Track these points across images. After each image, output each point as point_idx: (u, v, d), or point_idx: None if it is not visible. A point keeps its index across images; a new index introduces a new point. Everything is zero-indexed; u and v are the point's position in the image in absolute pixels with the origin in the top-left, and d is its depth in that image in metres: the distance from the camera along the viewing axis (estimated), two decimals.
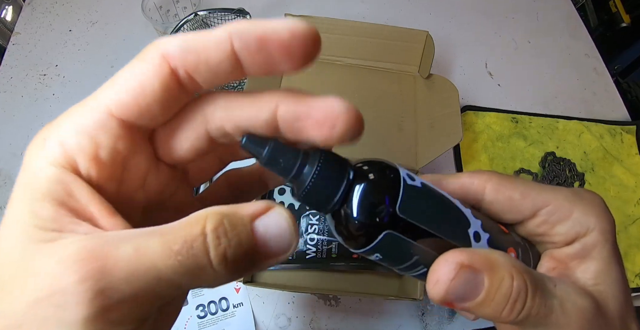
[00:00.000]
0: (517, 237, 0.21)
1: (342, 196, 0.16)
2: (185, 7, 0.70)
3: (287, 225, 0.14)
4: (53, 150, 0.14)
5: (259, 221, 0.13)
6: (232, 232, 0.13)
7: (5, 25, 0.74)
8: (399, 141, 0.55)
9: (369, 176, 0.17)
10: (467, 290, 0.16)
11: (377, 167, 0.17)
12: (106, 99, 0.14)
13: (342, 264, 0.50)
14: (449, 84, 0.54)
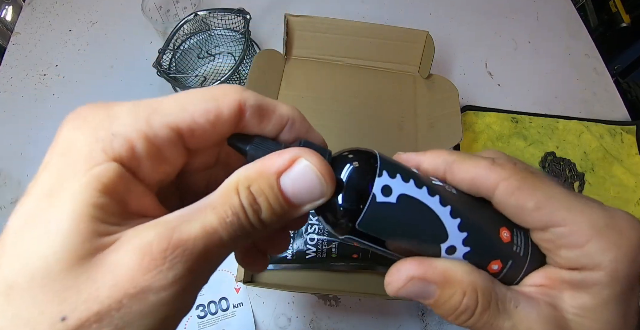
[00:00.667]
0: (523, 243, 0.19)
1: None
2: (185, 7, 0.70)
3: (314, 174, 0.15)
4: (121, 147, 0.14)
5: (285, 176, 0.14)
6: (261, 197, 0.14)
7: (5, 25, 0.74)
8: (399, 141, 0.55)
9: (341, 178, 0.17)
10: (418, 295, 0.17)
11: (353, 171, 0.17)
12: (179, 115, 0.15)
13: (342, 264, 0.50)
14: (449, 84, 0.54)
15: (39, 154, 0.65)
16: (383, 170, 0.18)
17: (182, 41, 0.62)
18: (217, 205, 0.14)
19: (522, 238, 0.19)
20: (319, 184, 0.15)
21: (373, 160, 0.18)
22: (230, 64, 0.66)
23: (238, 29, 0.63)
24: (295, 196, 0.15)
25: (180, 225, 0.13)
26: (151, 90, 0.66)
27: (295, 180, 0.15)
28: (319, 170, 0.15)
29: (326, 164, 0.15)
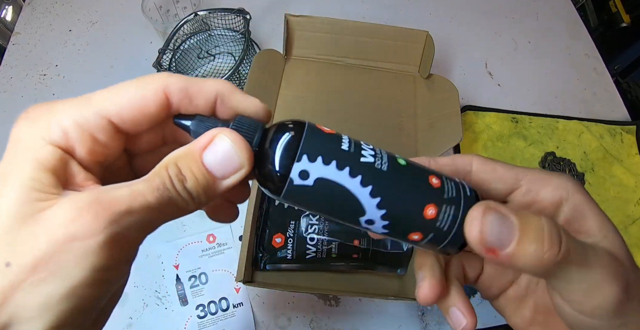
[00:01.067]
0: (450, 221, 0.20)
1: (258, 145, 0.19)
2: (185, 7, 0.70)
3: (230, 147, 0.17)
4: (55, 134, 0.17)
5: (207, 151, 0.17)
6: (186, 169, 0.17)
7: (5, 25, 0.74)
8: (399, 141, 0.55)
9: (266, 155, 0.19)
10: (502, 232, 0.17)
11: (275, 153, 0.18)
12: (107, 104, 0.18)
13: (342, 264, 0.50)
14: (449, 84, 0.54)
15: None
16: (304, 154, 0.18)
17: (182, 41, 0.62)
18: (148, 177, 0.16)
19: (450, 217, 0.20)
20: (236, 156, 0.17)
21: (296, 142, 0.18)
22: (230, 64, 0.66)
23: (238, 29, 0.63)
24: (215, 167, 0.17)
25: (110, 190, 0.16)
26: None
27: (215, 154, 0.17)
28: (235, 145, 0.17)
29: (241, 140, 0.17)
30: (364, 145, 0.20)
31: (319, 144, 0.19)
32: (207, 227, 0.57)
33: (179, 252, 0.55)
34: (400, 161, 0.20)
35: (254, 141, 0.19)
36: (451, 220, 0.20)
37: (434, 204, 0.20)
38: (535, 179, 0.21)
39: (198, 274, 0.54)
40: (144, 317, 0.52)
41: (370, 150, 0.20)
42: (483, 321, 0.54)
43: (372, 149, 0.20)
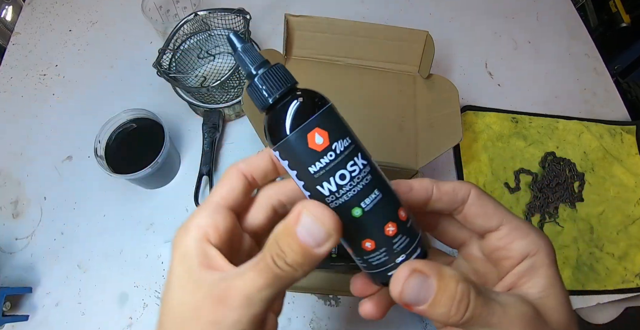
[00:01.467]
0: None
1: (268, 101, 0.20)
2: (185, 7, 0.70)
3: (313, 221, 0.18)
4: (195, 231, 0.21)
5: (299, 227, 0.18)
6: (285, 246, 0.19)
7: (5, 25, 0.74)
8: (399, 141, 0.55)
9: (283, 113, 0.20)
10: (420, 292, 0.19)
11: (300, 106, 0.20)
12: (217, 198, 0.22)
13: (342, 264, 0.50)
14: (449, 84, 0.54)
15: (39, 154, 0.65)
16: (278, 149, 0.20)
17: (182, 41, 0.62)
18: (256, 262, 0.19)
19: (382, 260, 0.22)
20: (323, 229, 0.19)
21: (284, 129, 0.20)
22: (230, 64, 0.66)
23: (238, 29, 0.63)
24: (307, 240, 0.18)
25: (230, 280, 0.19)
26: (151, 90, 0.66)
27: (305, 228, 0.18)
28: (318, 220, 0.19)
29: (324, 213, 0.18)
30: (343, 175, 0.19)
31: (293, 152, 0.20)
32: None
33: None
34: (354, 212, 0.20)
35: (274, 93, 0.20)
36: (382, 262, 0.21)
37: (373, 242, 0.20)
38: (514, 228, 0.23)
39: None
40: (144, 317, 0.52)
41: (339, 184, 0.19)
42: None
43: (346, 183, 0.20)
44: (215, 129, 0.59)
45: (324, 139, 0.19)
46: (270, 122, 0.20)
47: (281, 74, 0.20)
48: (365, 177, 0.20)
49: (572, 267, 0.58)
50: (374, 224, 0.20)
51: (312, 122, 0.19)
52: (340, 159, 0.19)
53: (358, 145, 0.21)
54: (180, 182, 0.59)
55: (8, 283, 0.52)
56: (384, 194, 0.20)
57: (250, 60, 0.20)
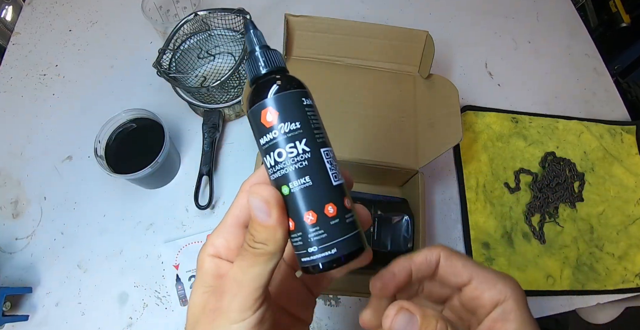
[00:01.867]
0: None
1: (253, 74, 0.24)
2: (185, 7, 0.70)
3: (255, 196, 0.21)
4: (209, 249, 0.24)
5: (253, 210, 0.21)
6: (251, 230, 0.22)
7: (5, 25, 0.74)
8: (400, 141, 0.55)
9: (252, 90, 0.23)
10: (408, 326, 0.22)
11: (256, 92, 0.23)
12: (229, 219, 0.24)
13: None
14: (449, 84, 0.54)
15: (39, 154, 0.65)
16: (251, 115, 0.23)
17: (182, 41, 0.62)
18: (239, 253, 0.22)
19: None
20: (262, 200, 0.21)
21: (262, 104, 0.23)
22: (230, 64, 0.66)
23: (238, 29, 0.63)
24: (259, 216, 0.21)
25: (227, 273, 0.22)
26: (151, 90, 0.66)
27: (254, 207, 0.21)
28: (258, 195, 0.21)
29: (260, 188, 0.21)
30: (280, 153, 0.22)
31: (253, 123, 0.23)
32: (207, 227, 0.57)
33: (179, 252, 0.55)
34: (283, 189, 0.22)
35: (260, 71, 0.23)
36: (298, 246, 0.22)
37: (294, 223, 0.22)
38: (483, 280, 0.26)
39: None
40: (144, 317, 0.52)
41: (277, 160, 0.22)
42: None
43: (282, 161, 0.22)
44: (215, 129, 0.59)
45: (274, 117, 0.22)
46: (250, 94, 0.23)
47: (275, 56, 0.24)
48: (301, 162, 0.21)
49: (572, 267, 0.58)
50: (296, 207, 0.22)
51: (269, 101, 0.22)
52: (281, 138, 0.21)
53: (309, 133, 0.22)
54: (180, 182, 0.59)
55: (8, 283, 0.53)
56: (316, 183, 0.21)
57: (256, 40, 0.24)
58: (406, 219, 0.50)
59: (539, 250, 0.59)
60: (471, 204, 0.60)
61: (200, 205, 0.55)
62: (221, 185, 0.59)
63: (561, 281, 0.57)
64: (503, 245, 0.58)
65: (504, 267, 0.57)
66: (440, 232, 0.59)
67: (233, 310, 0.20)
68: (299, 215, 0.21)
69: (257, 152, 0.52)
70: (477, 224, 0.59)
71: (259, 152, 0.23)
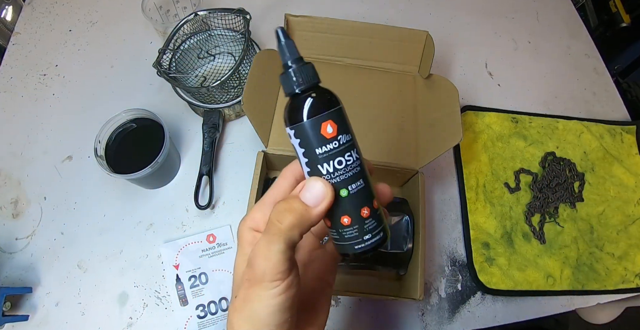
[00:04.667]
0: None
1: (295, 90, 0.25)
2: (185, 7, 0.70)
3: (313, 186, 0.24)
4: (249, 222, 0.27)
5: (303, 192, 0.24)
6: (286, 206, 0.24)
7: (5, 25, 0.74)
8: (400, 141, 0.55)
9: (307, 102, 0.24)
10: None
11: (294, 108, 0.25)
12: (268, 198, 0.27)
13: (342, 264, 0.50)
14: (449, 84, 0.54)
15: (39, 154, 0.65)
16: (293, 129, 0.25)
17: (182, 41, 0.62)
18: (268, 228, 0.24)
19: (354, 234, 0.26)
20: (321, 189, 0.24)
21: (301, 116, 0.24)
22: (230, 64, 0.66)
23: (238, 29, 0.63)
24: (310, 201, 0.24)
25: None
26: (151, 90, 0.66)
27: (307, 192, 0.24)
28: (320, 182, 0.24)
29: (322, 180, 0.24)
30: (341, 161, 0.24)
31: (307, 134, 0.24)
32: (207, 227, 0.57)
33: (179, 252, 0.55)
34: (342, 192, 0.25)
35: (302, 85, 0.25)
36: (353, 237, 0.25)
37: (350, 219, 0.25)
38: None
39: (198, 274, 0.54)
40: (144, 317, 0.52)
41: (336, 167, 0.24)
42: (482, 321, 0.54)
43: (342, 168, 0.24)
44: (215, 129, 0.59)
45: (334, 130, 0.24)
46: (292, 107, 0.25)
47: (311, 71, 0.26)
48: (355, 168, 0.25)
49: (572, 267, 0.58)
50: (354, 205, 0.25)
51: (329, 115, 0.24)
52: (342, 148, 0.24)
53: (355, 142, 0.25)
54: (180, 182, 0.59)
55: (8, 283, 0.53)
56: (366, 185, 0.25)
57: (289, 53, 0.25)
58: (406, 219, 0.50)
59: (539, 250, 0.59)
60: (471, 204, 0.60)
61: (200, 205, 0.55)
62: (221, 185, 0.59)
63: (561, 281, 0.57)
64: (503, 245, 0.58)
65: (504, 267, 0.57)
66: (440, 232, 0.59)
67: (266, 280, 0.23)
68: (356, 212, 0.25)
69: (257, 152, 0.52)
70: (477, 224, 0.59)
71: (309, 160, 0.25)
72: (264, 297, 0.23)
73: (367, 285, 0.54)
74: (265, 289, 0.23)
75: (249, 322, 0.24)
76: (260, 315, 0.23)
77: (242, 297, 0.24)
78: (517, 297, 0.56)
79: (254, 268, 0.23)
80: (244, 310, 0.24)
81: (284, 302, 0.23)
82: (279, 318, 0.23)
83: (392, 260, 0.50)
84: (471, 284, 0.56)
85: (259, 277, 0.23)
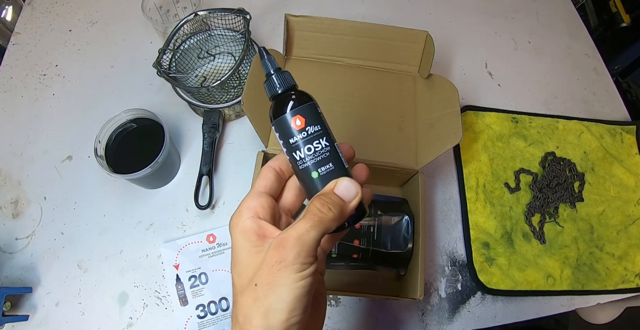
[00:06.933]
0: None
1: (276, 91, 0.30)
2: (185, 7, 0.70)
3: (347, 184, 0.27)
4: (247, 212, 0.28)
5: (337, 189, 0.27)
6: (327, 199, 0.26)
7: (5, 25, 0.74)
8: (399, 141, 0.55)
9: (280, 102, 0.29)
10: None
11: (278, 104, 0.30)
12: (257, 187, 0.29)
13: (342, 264, 0.50)
14: (449, 84, 0.54)
15: (39, 154, 0.65)
16: (274, 123, 0.30)
17: (182, 41, 0.62)
18: (303, 215, 0.26)
19: None
20: (353, 187, 0.28)
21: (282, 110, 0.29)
22: (230, 64, 0.66)
23: (238, 29, 0.63)
24: (343, 194, 0.27)
25: (285, 233, 0.25)
26: (151, 90, 0.66)
27: (341, 189, 0.27)
28: (350, 181, 0.28)
29: (353, 181, 0.28)
30: (310, 148, 0.28)
31: (283, 127, 0.29)
32: (207, 227, 0.57)
33: (179, 252, 0.55)
34: (313, 174, 0.28)
35: (280, 88, 0.30)
36: None
37: None
38: None
39: (198, 274, 0.54)
40: (144, 317, 0.52)
41: (306, 153, 0.28)
42: (482, 321, 0.54)
43: (311, 154, 0.28)
44: (215, 129, 0.59)
45: (302, 123, 0.28)
46: (274, 106, 0.30)
47: (287, 77, 0.31)
48: (324, 153, 0.28)
49: (572, 267, 0.58)
50: (325, 185, 0.28)
51: (297, 110, 0.29)
52: (310, 137, 0.28)
53: (325, 132, 0.29)
54: (180, 182, 0.59)
55: (8, 283, 0.53)
56: (337, 168, 0.29)
57: (271, 65, 0.30)
58: (406, 219, 0.50)
59: (539, 250, 0.59)
60: (471, 204, 0.60)
61: (200, 205, 0.55)
62: (221, 185, 0.59)
63: (561, 281, 0.57)
64: (503, 245, 0.58)
65: (504, 267, 0.57)
66: (440, 232, 0.59)
67: (298, 262, 0.24)
68: None
69: (257, 152, 0.52)
70: (477, 224, 0.59)
71: (286, 149, 0.29)
72: (293, 279, 0.24)
73: (367, 285, 0.54)
74: (296, 272, 0.24)
75: (270, 311, 0.23)
76: (286, 300, 0.23)
77: (268, 281, 0.24)
78: (517, 297, 0.56)
79: (286, 251, 0.24)
80: (269, 296, 0.24)
81: (310, 286, 0.24)
82: (304, 302, 0.24)
83: (392, 260, 0.50)
84: (471, 284, 0.56)
85: (291, 260, 0.24)
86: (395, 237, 0.50)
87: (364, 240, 0.49)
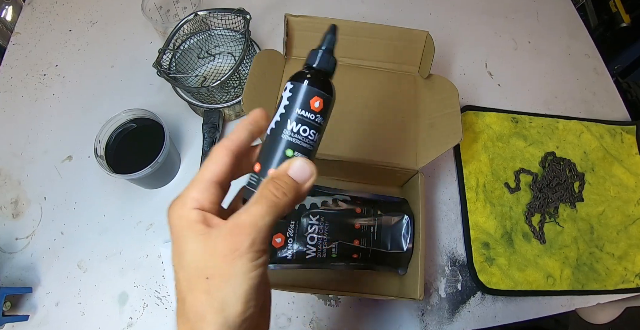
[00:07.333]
0: None
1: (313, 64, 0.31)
2: (185, 7, 0.70)
3: (302, 164, 0.26)
4: (192, 203, 0.26)
5: (290, 170, 0.26)
6: (280, 182, 0.25)
7: (5, 25, 0.74)
8: (400, 141, 0.55)
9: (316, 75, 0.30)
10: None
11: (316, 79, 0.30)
12: (208, 174, 0.26)
13: (342, 264, 0.50)
14: (449, 84, 0.54)
15: (39, 154, 0.65)
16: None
17: (182, 41, 0.62)
18: (256, 199, 0.25)
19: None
20: (307, 168, 0.27)
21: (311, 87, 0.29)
22: (230, 64, 0.66)
23: (238, 29, 0.63)
24: (297, 177, 0.26)
25: (237, 218, 0.24)
26: (151, 90, 0.66)
27: (294, 170, 0.26)
28: (304, 161, 0.27)
29: (306, 160, 0.27)
30: (305, 130, 0.28)
31: (301, 95, 0.28)
32: None
33: None
34: (287, 152, 0.28)
35: (323, 65, 0.30)
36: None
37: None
38: None
39: None
40: (144, 317, 0.52)
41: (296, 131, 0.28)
42: (482, 321, 0.54)
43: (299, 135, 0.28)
44: (215, 129, 0.59)
45: (319, 107, 0.29)
46: (305, 72, 0.29)
47: (334, 63, 0.31)
48: (309, 144, 0.29)
49: (572, 267, 0.58)
50: (282, 161, 0.29)
51: (323, 95, 0.29)
52: (312, 123, 0.28)
53: (322, 130, 0.29)
54: (180, 182, 0.59)
55: (8, 283, 0.53)
56: (308, 157, 0.29)
57: (332, 44, 0.31)
58: (406, 219, 0.50)
59: (539, 250, 0.59)
60: (471, 204, 0.60)
61: None
62: None
63: (561, 281, 0.57)
64: (503, 245, 0.58)
65: (504, 267, 0.57)
66: (440, 232, 0.59)
67: (253, 250, 0.23)
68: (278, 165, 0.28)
69: None
70: (477, 224, 0.59)
71: (286, 112, 0.28)
72: (248, 269, 0.22)
73: (367, 285, 0.54)
74: (251, 260, 0.22)
75: (224, 305, 0.22)
76: (241, 291, 0.22)
77: (221, 273, 0.22)
78: (517, 297, 0.56)
79: (240, 238, 0.23)
80: (223, 288, 0.22)
81: (264, 275, 0.23)
82: (259, 292, 0.23)
83: (392, 260, 0.50)
84: (471, 284, 0.56)
85: (245, 248, 0.22)
86: (395, 237, 0.50)
87: (364, 240, 0.49)
